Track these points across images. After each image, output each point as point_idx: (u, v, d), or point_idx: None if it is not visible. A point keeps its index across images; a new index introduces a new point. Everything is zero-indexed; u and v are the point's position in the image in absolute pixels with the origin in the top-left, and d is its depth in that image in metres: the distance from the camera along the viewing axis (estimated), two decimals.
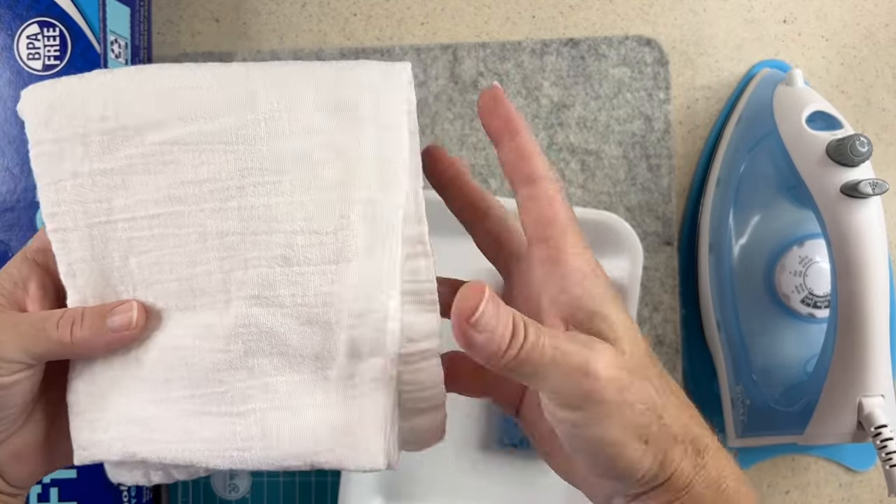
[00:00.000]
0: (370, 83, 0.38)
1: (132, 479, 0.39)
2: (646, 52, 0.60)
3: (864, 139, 0.48)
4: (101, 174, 0.38)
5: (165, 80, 0.38)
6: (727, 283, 0.56)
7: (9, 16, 0.52)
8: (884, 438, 0.48)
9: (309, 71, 0.39)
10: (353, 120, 0.38)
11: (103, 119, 0.38)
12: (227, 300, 0.38)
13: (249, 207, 0.37)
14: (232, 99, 0.38)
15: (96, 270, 0.38)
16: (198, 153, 0.38)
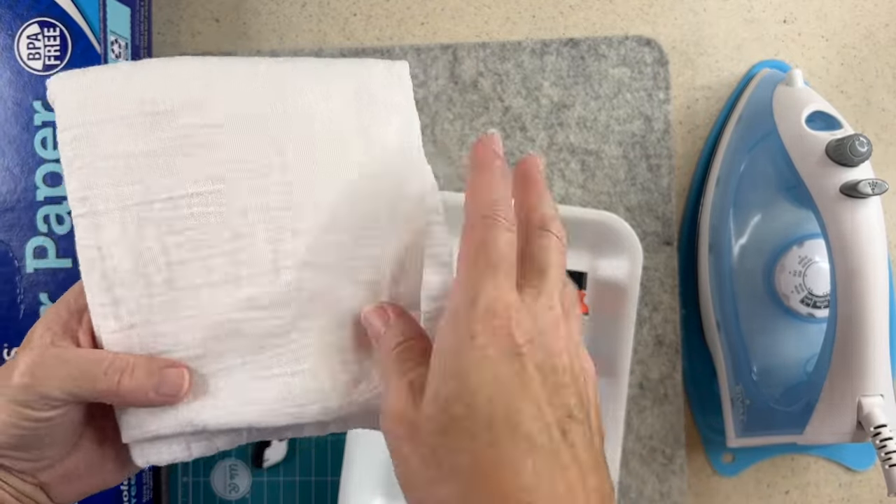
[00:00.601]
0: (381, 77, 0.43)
1: (169, 454, 0.40)
2: (646, 52, 0.60)
3: (863, 139, 0.48)
4: (135, 156, 0.39)
5: (197, 67, 0.40)
6: (727, 283, 0.56)
7: (9, 16, 0.53)
8: (883, 438, 0.48)
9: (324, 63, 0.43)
10: (371, 103, 0.42)
11: (140, 103, 0.39)
12: (276, 269, 0.39)
13: (289, 182, 0.40)
14: (262, 85, 0.40)
15: (126, 253, 0.39)
16: (233, 134, 0.39)
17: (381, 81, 0.43)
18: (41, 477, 0.39)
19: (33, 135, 0.53)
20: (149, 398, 0.38)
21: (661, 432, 0.59)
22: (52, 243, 0.53)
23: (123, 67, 0.40)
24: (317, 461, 0.59)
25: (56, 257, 0.53)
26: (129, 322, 0.39)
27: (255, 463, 0.59)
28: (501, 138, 0.40)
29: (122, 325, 0.39)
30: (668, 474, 0.59)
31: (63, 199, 0.53)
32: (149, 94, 0.39)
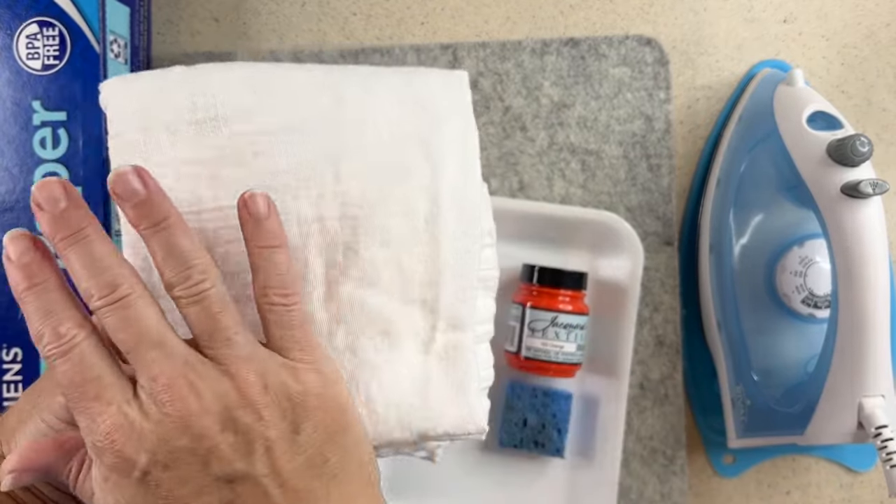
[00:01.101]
0: (439, 85, 0.41)
1: None
2: (646, 51, 0.60)
3: (864, 139, 0.48)
4: (187, 164, 0.38)
5: (251, 73, 0.39)
6: (727, 284, 0.56)
7: (8, 15, 0.52)
8: (884, 439, 0.48)
9: (383, 72, 0.42)
10: (430, 114, 0.40)
11: (191, 109, 0.38)
12: (328, 284, 0.39)
13: (344, 193, 0.39)
14: (316, 92, 0.39)
15: None
16: (288, 143, 0.38)
17: (440, 90, 0.41)
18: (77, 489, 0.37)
19: (32, 135, 0.53)
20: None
21: (661, 433, 0.59)
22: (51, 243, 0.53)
23: (175, 73, 0.39)
24: None
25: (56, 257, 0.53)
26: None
27: None
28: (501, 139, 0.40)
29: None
30: (668, 475, 0.59)
31: None
32: (200, 100, 0.38)
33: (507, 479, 0.57)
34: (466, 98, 0.42)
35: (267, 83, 0.39)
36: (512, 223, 0.56)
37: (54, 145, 0.53)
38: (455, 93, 0.42)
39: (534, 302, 0.54)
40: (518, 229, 0.57)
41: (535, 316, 0.54)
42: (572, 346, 0.54)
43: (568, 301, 0.54)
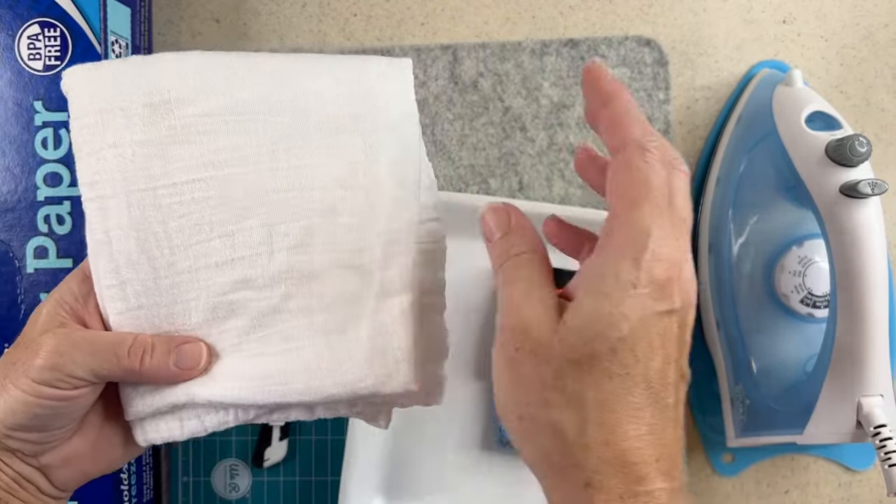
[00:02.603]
0: (379, 69, 0.44)
1: (167, 431, 0.41)
2: (645, 52, 0.60)
3: (863, 139, 0.48)
4: (141, 144, 0.41)
5: (199, 61, 0.42)
6: (726, 283, 0.56)
7: (10, 16, 0.53)
8: (883, 438, 0.48)
9: (325, 57, 0.45)
10: (369, 95, 0.43)
11: (145, 93, 0.41)
12: (270, 251, 0.41)
13: (286, 168, 0.41)
14: (260, 76, 0.42)
15: (132, 237, 0.40)
16: (231, 123, 0.41)
17: (382, 74, 0.44)
18: (43, 459, 0.40)
19: (34, 135, 0.53)
20: (170, 373, 0.40)
21: None
22: (52, 243, 0.53)
23: (134, 61, 0.42)
24: (317, 461, 0.59)
25: (56, 257, 0.53)
26: (136, 303, 0.41)
27: (255, 463, 0.59)
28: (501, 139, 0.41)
29: (129, 307, 0.41)
30: None
31: (63, 200, 0.53)
32: (154, 85, 0.41)
33: (506, 479, 0.57)
34: (408, 85, 0.44)
35: (215, 69, 0.42)
36: None
37: (56, 145, 0.53)
38: (397, 77, 0.44)
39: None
40: None
41: None
42: None
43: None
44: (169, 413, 0.41)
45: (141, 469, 0.57)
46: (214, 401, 0.41)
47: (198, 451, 0.59)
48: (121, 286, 0.40)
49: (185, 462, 0.59)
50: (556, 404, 0.33)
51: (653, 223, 0.32)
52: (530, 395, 0.34)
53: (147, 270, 0.40)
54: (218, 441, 0.59)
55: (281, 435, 0.59)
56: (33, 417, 0.38)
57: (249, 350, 0.41)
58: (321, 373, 0.40)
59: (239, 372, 0.41)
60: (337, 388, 0.40)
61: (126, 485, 0.55)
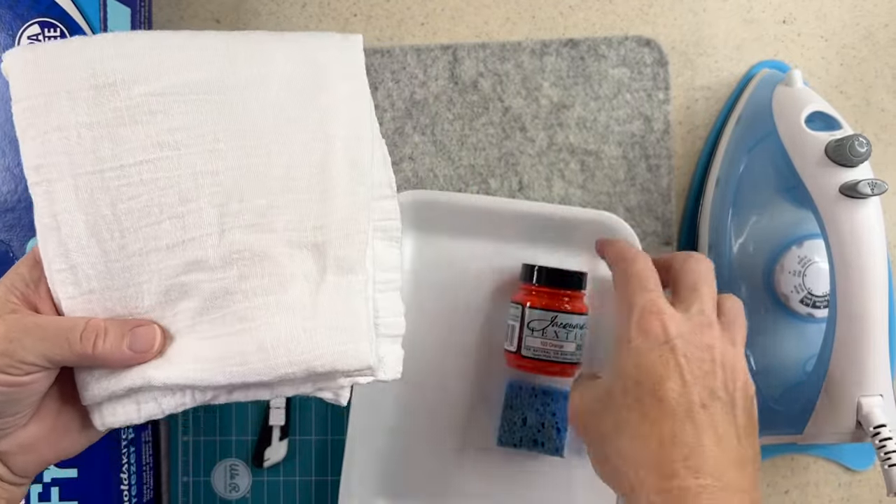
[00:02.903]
0: (334, 46, 0.44)
1: (124, 414, 0.41)
2: (645, 52, 0.60)
3: (863, 139, 0.48)
4: (88, 127, 0.40)
5: (148, 40, 0.41)
6: (726, 283, 0.56)
7: (10, 16, 0.53)
8: (882, 438, 0.48)
9: (279, 36, 0.44)
10: (320, 73, 0.43)
11: (90, 75, 0.40)
12: (221, 231, 0.41)
13: (238, 148, 0.41)
14: (213, 54, 0.42)
15: (80, 220, 0.40)
16: (183, 102, 0.41)
17: (333, 52, 0.44)
18: (1, 446, 0.40)
19: None
20: (125, 356, 0.39)
21: None
22: None
23: (76, 41, 0.41)
24: (317, 461, 0.59)
25: None
26: (87, 287, 0.40)
27: (255, 463, 0.59)
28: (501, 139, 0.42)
29: (80, 291, 0.40)
30: None
31: None
32: (99, 66, 0.40)
33: (506, 479, 0.57)
34: (359, 60, 0.44)
35: (162, 49, 0.41)
36: (512, 223, 0.56)
37: None
38: (348, 55, 0.44)
39: (533, 302, 0.54)
40: (518, 229, 0.57)
41: (535, 316, 0.54)
42: (572, 345, 0.54)
43: (567, 301, 0.54)
44: (125, 397, 0.41)
45: (141, 469, 0.57)
46: (170, 383, 0.40)
47: (198, 451, 0.59)
48: (71, 270, 0.40)
49: (185, 462, 0.59)
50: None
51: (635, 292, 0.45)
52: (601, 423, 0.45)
53: (97, 254, 0.40)
54: (218, 441, 0.59)
55: (281, 435, 0.59)
56: None
57: (204, 331, 0.41)
58: (278, 352, 0.40)
59: (195, 353, 0.40)
60: (293, 366, 0.40)
61: (126, 485, 0.55)
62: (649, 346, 0.42)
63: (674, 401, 0.41)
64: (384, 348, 0.44)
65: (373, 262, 0.43)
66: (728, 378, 0.42)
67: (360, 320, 0.41)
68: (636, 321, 0.43)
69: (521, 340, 0.54)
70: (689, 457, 0.39)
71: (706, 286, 0.45)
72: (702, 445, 0.40)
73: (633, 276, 0.46)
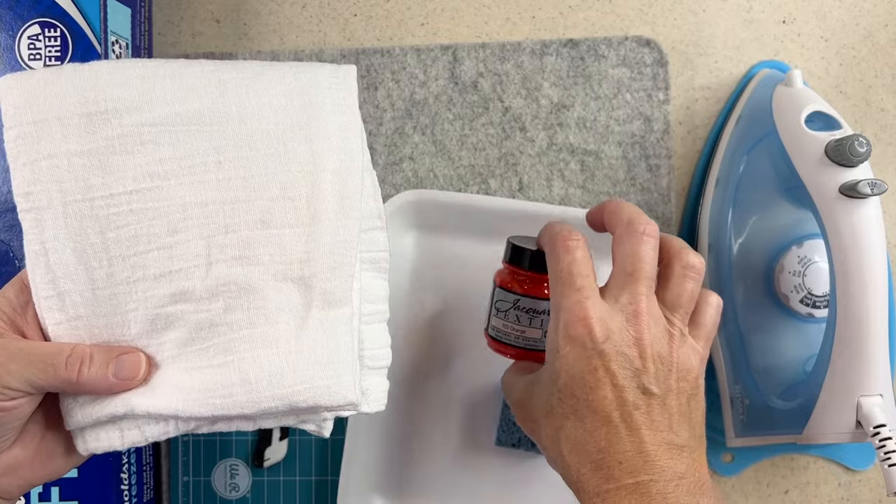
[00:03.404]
0: (326, 78, 0.44)
1: (107, 440, 0.41)
2: (645, 52, 0.60)
3: (862, 139, 0.48)
4: (78, 155, 0.40)
5: (141, 69, 0.41)
6: (726, 283, 0.56)
7: (10, 16, 0.53)
8: (882, 438, 0.48)
9: (271, 66, 0.44)
10: (313, 104, 0.43)
11: (82, 103, 0.40)
12: (209, 263, 0.41)
13: (227, 179, 0.41)
14: (205, 85, 0.42)
15: (69, 248, 0.40)
16: (174, 133, 0.41)
17: (326, 83, 0.44)
18: None
19: None
20: (109, 383, 0.39)
21: None
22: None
23: (68, 69, 0.41)
24: (317, 461, 0.59)
25: None
26: (74, 314, 0.40)
27: (255, 463, 0.59)
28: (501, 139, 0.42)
29: (68, 317, 0.40)
30: None
31: None
32: (91, 94, 0.40)
33: (505, 479, 0.57)
34: (352, 91, 0.44)
35: (155, 78, 0.41)
36: (511, 224, 0.56)
37: None
38: (340, 86, 0.44)
39: (500, 281, 0.51)
40: (517, 230, 0.57)
41: (501, 296, 0.51)
42: (536, 331, 0.50)
43: (529, 283, 0.50)
44: (109, 423, 0.41)
45: (141, 469, 0.57)
46: (154, 412, 0.40)
47: (198, 451, 0.59)
48: (59, 297, 0.40)
49: (185, 462, 0.59)
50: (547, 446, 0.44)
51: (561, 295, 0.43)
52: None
53: (85, 281, 0.40)
54: (218, 441, 0.59)
55: (281, 435, 0.59)
56: None
57: (189, 362, 0.41)
58: (261, 385, 0.40)
59: (179, 383, 0.40)
60: (276, 400, 0.40)
61: (126, 485, 0.55)
62: (577, 355, 0.41)
63: (608, 408, 0.41)
64: (368, 381, 0.44)
65: (360, 294, 0.43)
66: (660, 369, 0.41)
67: (344, 355, 0.41)
68: (563, 329, 0.42)
69: (488, 319, 0.52)
70: (624, 460, 0.40)
71: (645, 266, 0.43)
72: (639, 445, 0.40)
73: (559, 275, 0.43)
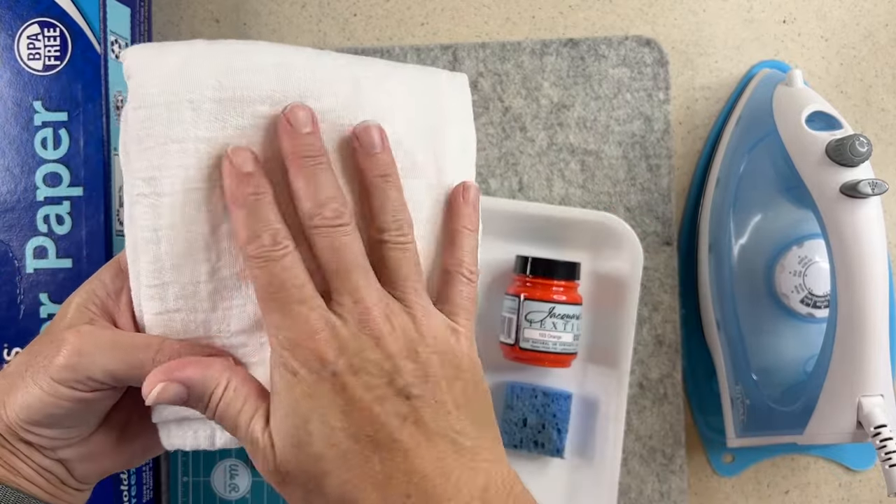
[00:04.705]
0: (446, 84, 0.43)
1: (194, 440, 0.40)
2: (645, 52, 0.60)
3: (863, 139, 0.48)
4: (206, 142, 0.38)
5: (276, 56, 0.39)
6: (727, 283, 0.56)
7: (9, 16, 0.53)
8: (883, 438, 0.48)
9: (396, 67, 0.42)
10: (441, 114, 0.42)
11: (216, 88, 0.38)
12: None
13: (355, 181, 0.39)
14: (340, 81, 0.40)
15: (182, 237, 0.38)
16: None
17: (447, 91, 0.43)
18: (62, 454, 0.40)
19: (33, 135, 0.53)
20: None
21: (660, 432, 0.59)
22: (52, 243, 0.53)
23: (200, 47, 0.39)
24: None
25: (56, 257, 0.53)
26: (174, 307, 0.39)
27: None
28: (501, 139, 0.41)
29: (166, 308, 0.39)
30: (667, 474, 0.59)
31: (63, 200, 0.53)
32: (226, 80, 0.38)
33: None
34: (468, 102, 0.44)
35: (290, 68, 0.39)
36: (511, 224, 0.56)
37: (55, 145, 0.53)
38: (461, 95, 0.43)
39: (528, 293, 0.54)
40: (517, 230, 0.57)
41: (532, 307, 0.54)
42: (569, 335, 0.54)
43: (563, 291, 0.54)
44: (198, 421, 0.40)
45: (141, 469, 0.57)
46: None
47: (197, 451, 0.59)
48: (161, 287, 0.38)
49: (185, 462, 0.59)
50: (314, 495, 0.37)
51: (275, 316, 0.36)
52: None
53: (189, 274, 0.38)
54: None
55: None
56: (48, 416, 0.37)
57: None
58: None
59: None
60: None
61: (126, 485, 0.55)
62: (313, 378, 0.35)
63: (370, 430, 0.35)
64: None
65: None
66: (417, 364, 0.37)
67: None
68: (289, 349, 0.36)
69: (518, 332, 0.54)
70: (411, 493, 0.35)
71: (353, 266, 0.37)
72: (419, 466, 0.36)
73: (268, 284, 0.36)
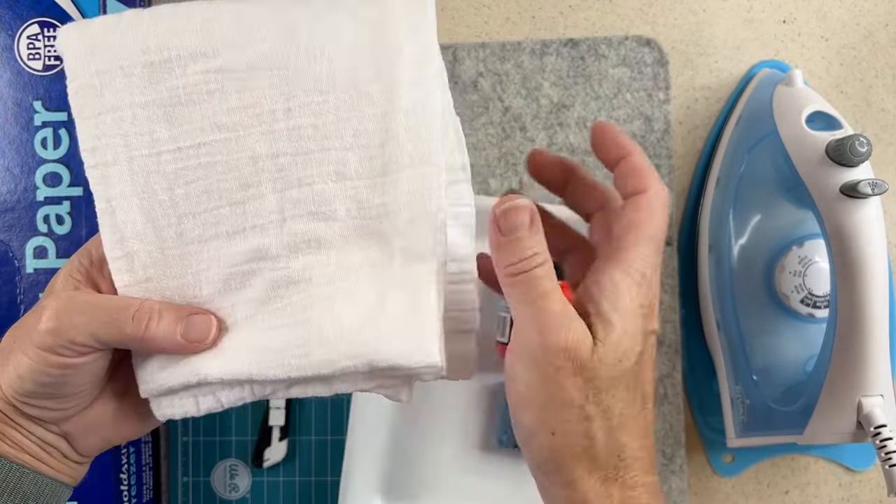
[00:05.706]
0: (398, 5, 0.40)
1: (181, 408, 0.40)
2: (645, 52, 0.60)
3: (863, 139, 0.48)
4: (143, 107, 0.38)
5: (203, 11, 0.39)
6: (727, 283, 0.56)
7: (9, 16, 0.53)
8: (883, 438, 0.48)
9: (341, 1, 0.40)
10: (387, 38, 0.39)
11: (144, 52, 0.38)
12: (283, 219, 0.39)
13: (298, 128, 0.38)
14: (272, 27, 0.39)
15: (135, 205, 0.38)
16: (241, 80, 0.38)
17: (398, 12, 0.40)
18: (64, 427, 0.40)
19: (33, 135, 0.53)
20: (176, 344, 0.38)
21: (660, 432, 0.59)
22: (52, 243, 0.53)
23: (128, 16, 0.39)
24: (317, 461, 0.59)
25: (56, 257, 0.53)
26: (143, 276, 0.39)
27: (255, 463, 0.59)
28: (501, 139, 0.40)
29: (136, 279, 0.39)
30: (667, 474, 0.59)
31: (63, 200, 0.53)
32: (153, 42, 0.38)
33: (506, 479, 0.57)
34: (429, 19, 0.40)
35: (217, 22, 0.39)
36: None
37: (55, 145, 0.53)
38: (416, 13, 0.40)
39: None
40: None
41: None
42: None
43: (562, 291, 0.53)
44: (184, 390, 0.39)
45: (141, 469, 0.57)
46: (228, 378, 0.38)
47: (198, 451, 0.59)
48: (127, 258, 0.39)
49: (185, 462, 0.59)
50: (593, 417, 0.37)
51: (656, 259, 0.40)
52: (569, 412, 0.37)
53: (153, 241, 0.38)
54: (218, 441, 0.59)
55: (281, 435, 0.59)
56: (41, 385, 0.37)
57: (264, 322, 0.39)
58: (339, 344, 0.38)
59: (252, 346, 0.39)
60: (354, 359, 0.38)
61: (126, 485, 0.55)
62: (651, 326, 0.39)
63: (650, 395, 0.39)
64: (452, 345, 0.40)
65: (445, 251, 0.39)
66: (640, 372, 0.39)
67: (427, 314, 0.38)
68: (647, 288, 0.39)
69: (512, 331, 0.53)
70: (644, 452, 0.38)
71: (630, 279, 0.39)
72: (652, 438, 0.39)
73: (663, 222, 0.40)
